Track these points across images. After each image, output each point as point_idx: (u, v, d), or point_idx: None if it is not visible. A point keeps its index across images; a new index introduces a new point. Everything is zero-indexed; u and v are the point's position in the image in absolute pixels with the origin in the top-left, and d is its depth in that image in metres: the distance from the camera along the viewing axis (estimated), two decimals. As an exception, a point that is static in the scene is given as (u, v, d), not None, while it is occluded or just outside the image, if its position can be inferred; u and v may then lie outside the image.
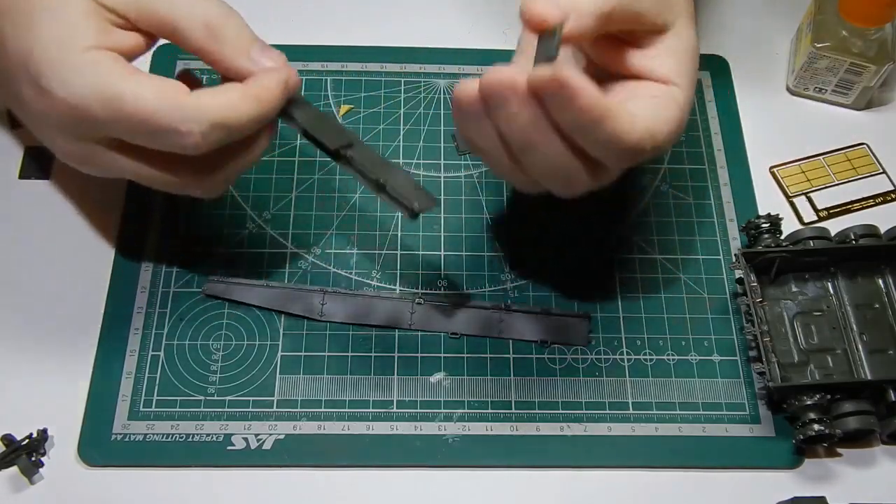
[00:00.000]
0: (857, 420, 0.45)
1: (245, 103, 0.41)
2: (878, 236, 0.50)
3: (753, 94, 0.59)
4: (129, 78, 0.39)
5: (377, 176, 0.43)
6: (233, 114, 0.40)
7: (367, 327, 0.50)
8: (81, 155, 0.43)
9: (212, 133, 0.40)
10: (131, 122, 0.39)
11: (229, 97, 0.40)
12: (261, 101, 0.41)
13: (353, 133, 0.45)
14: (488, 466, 0.46)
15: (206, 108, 0.40)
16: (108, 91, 0.39)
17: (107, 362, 0.48)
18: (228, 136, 0.41)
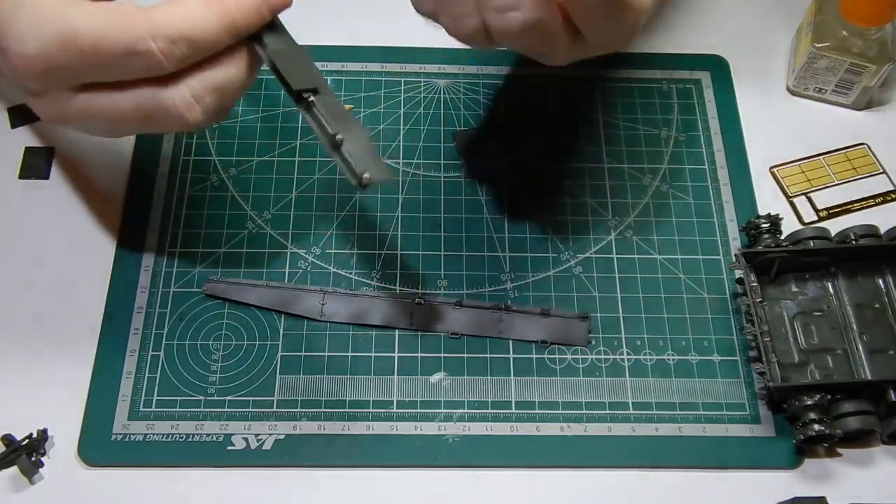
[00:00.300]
0: (857, 420, 0.45)
1: (206, 12, 0.38)
2: (878, 236, 0.50)
3: (753, 94, 0.59)
4: (81, 11, 0.38)
5: (336, 131, 0.40)
6: (193, 25, 0.38)
7: (367, 327, 0.50)
8: (59, 112, 0.41)
9: (172, 48, 0.38)
10: (90, 56, 0.38)
11: (189, 6, 0.38)
12: (227, 8, 0.38)
13: (322, 79, 0.41)
14: (488, 466, 0.46)
15: (161, 22, 0.37)
16: (62, 29, 0.37)
17: (107, 362, 0.48)
18: (193, 49, 0.38)
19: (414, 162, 0.55)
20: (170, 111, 0.40)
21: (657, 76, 0.59)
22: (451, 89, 0.58)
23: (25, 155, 0.54)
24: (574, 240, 0.53)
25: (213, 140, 0.55)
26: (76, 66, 0.38)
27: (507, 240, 0.53)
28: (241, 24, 0.39)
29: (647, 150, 0.56)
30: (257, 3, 0.39)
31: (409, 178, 0.54)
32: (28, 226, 0.52)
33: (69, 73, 0.39)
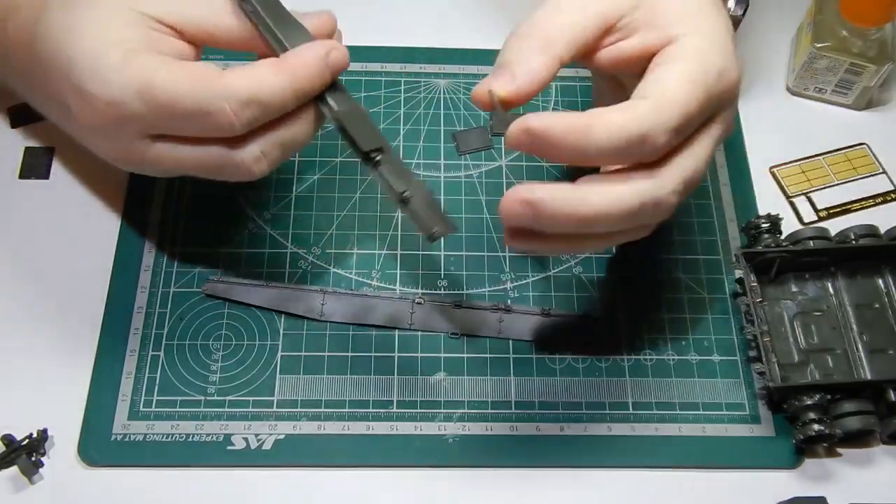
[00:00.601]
0: (857, 420, 0.45)
1: (277, 77, 0.40)
2: (878, 236, 0.50)
3: (753, 94, 0.59)
4: (161, 66, 0.40)
5: (403, 189, 0.42)
6: (264, 88, 0.40)
7: (367, 327, 0.50)
8: (128, 155, 0.43)
9: (244, 111, 0.40)
10: (165, 110, 0.40)
11: (259, 72, 0.40)
12: (294, 73, 0.40)
13: (384, 138, 0.43)
14: (488, 466, 0.46)
15: (235, 85, 0.39)
16: (142, 81, 0.40)
17: (107, 362, 0.48)
18: (263, 112, 0.40)
19: (414, 162, 0.55)
20: (239, 167, 0.42)
21: (657, 76, 0.59)
22: (451, 89, 0.58)
23: (25, 155, 0.54)
24: (574, 240, 0.53)
25: (213, 140, 0.55)
26: (152, 117, 0.40)
27: (507, 240, 0.52)
28: (308, 87, 0.41)
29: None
30: (320, 67, 0.41)
31: (409, 178, 0.54)
32: (28, 226, 0.52)
33: (145, 122, 0.41)
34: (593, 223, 0.38)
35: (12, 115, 0.55)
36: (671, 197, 0.39)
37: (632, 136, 0.37)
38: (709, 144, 0.41)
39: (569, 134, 0.37)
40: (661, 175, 0.39)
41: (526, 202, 0.37)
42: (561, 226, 0.38)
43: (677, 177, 0.39)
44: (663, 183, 0.39)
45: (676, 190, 0.39)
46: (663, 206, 0.39)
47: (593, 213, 0.38)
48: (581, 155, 0.38)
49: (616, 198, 0.38)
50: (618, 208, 0.38)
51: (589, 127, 0.37)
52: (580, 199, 0.38)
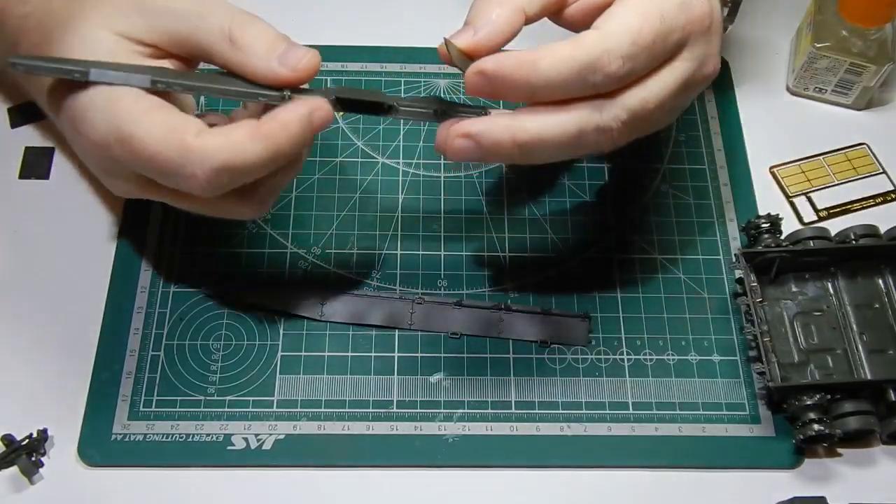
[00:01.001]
0: (857, 420, 0.45)
1: (252, 144, 0.38)
2: (878, 236, 0.50)
3: (753, 94, 0.59)
4: (142, 118, 0.39)
5: (432, 108, 0.42)
6: (238, 157, 0.38)
7: (367, 327, 0.50)
8: (120, 187, 0.44)
9: (217, 177, 0.38)
10: (141, 163, 0.39)
11: (234, 138, 0.38)
12: (272, 140, 0.39)
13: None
14: (488, 466, 0.46)
15: (208, 152, 0.38)
16: (121, 131, 0.39)
17: (107, 362, 0.48)
18: (239, 178, 0.39)
19: (414, 162, 0.55)
20: (230, 215, 0.43)
21: (657, 76, 0.59)
22: (452, 89, 0.58)
23: (25, 155, 0.54)
24: (574, 240, 0.53)
25: (213, 140, 0.55)
26: (133, 165, 0.40)
27: (507, 240, 0.53)
28: (288, 151, 0.39)
29: (648, 151, 0.56)
30: (303, 130, 0.39)
31: (409, 178, 0.54)
32: (28, 226, 0.52)
33: (126, 166, 0.40)
34: (531, 148, 0.39)
35: (12, 115, 0.55)
36: (612, 122, 0.39)
37: (580, 64, 0.38)
38: (669, 80, 0.41)
39: (519, 67, 0.38)
40: (607, 100, 0.39)
41: (466, 135, 0.40)
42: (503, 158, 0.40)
43: (624, 104, 0.39)
44: (606, 108, 0.39)
45: (620, 117, 0.39)
46: (606, 134, 0.40)
47: (530, 138, 0.39)
48: (532, 88, 0.39)
49: (553, 124, 0.39)
50: (553, 134, 0.39)
51: (538, 59, 0.38)
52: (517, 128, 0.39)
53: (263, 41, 0.40)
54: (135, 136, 0.38)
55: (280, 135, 0.39)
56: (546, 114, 0.40)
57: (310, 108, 0.40)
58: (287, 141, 0.39)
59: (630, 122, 0.40)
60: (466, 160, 0.41)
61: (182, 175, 0.39)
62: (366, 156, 0.55)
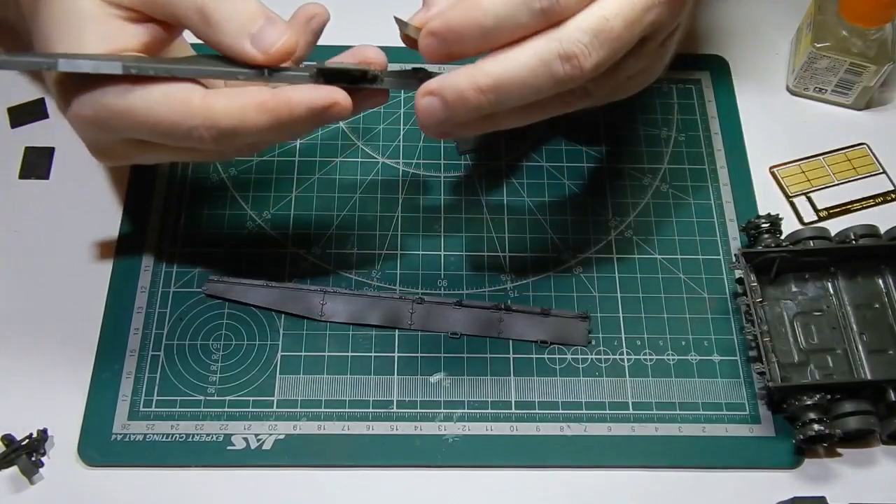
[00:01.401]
0: (857, 420, 0.45)
1: (258, 116, 0.38)
2: (878, 236, 0.50)
3: (753, 94, 0.59)
4: (137, 89, 0.38)
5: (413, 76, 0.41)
6: (246, 124, 0.38)
7: (367, 327, 0.50)
8: (107, 151, 0.42)
9: (222, 139, 0.38)
10: (145, 129, 0.39)
11: (243, 104, 0.38)
12: (277, 118, 0.38)
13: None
14: (488, 466, 0.46)
15: (216, 115, 0.38)
16: (119, 107, 0.39)
17: (107, 362, 0.48)
18: (241, 142, 0.39)
19: (414, 162, 0.55)
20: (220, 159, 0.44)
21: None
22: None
23: (25, 155, 0.54)
24: (574, 240, 0.53)
25: (213, 140, 0.55)
26: (131, 132, 0.40)
27: (507, 240, 0.53)
28: (290, 132, 0.40)
29: (647, 150, 0.56)
30: (311, 119, 0.39)
31: (409, 178, 0.54)
32: (28, 226, 0.52)
33: (121, 133, 0.40)
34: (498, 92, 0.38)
35: (12, 115, 0.55)
36: (574, 46, 0.37)
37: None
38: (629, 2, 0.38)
39: (465, 13, 0.37)
40: (563, 26, 0.38)
41: (429, 92, 0.39)
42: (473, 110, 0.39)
43: (581, 25, 0.38)
44: (564, 32, 0.37)
45: (580, 39, 0.37)
46: (571, 61, 0.38)
47: (493, 81, 0.38)
48: (484, 31, 0.37)
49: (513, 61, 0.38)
50: (516, 72, 0.38)
51: (478, 0, 0.37)
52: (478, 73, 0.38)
53: (237, 18, 0.39)
54: (136, 107, 0.38)
55: (284, 115, 0.38)
56: (505, 53, 0.38)
57: (326, 101, 0.39)
58: (289, 124, 0.39)
59: (594, 44, 0.38)
60: (439, 123, 0.39)
61: (188, 136, 0.38)
62: (366, 156, 0.55)
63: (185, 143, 0.39)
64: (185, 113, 0.38)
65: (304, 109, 0.38)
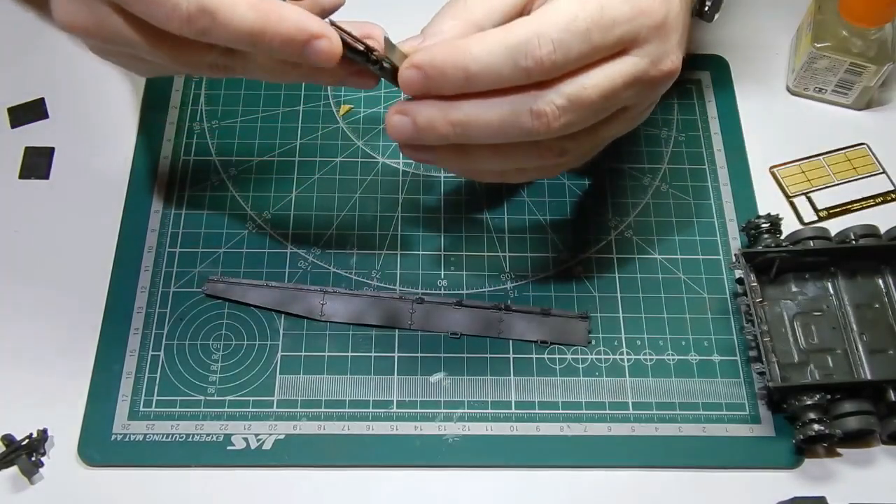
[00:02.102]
0: (857, 420, 0.45)
1: (246, 10, 0.36)
2: (878, 236, 0.50)
3: (753, 94, 0.59)
4: None
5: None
6: (226, 9, 0.36)
7: (367, 327, 0.50)
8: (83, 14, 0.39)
9: (198, 17, 0.36)
10: None
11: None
12: (261, 21, 0.36)
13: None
14: (488, 466, 0.46)
15: None
16: None
17: (107, 362, 0.48)
18: (214, 33, 0.36)
19: (414, 162, 0.55)
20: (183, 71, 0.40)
21: (657, 76, 0.59)
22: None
23: (25, 155, 0.54)
24: (574, 240, 0.53)
25: (212, 140, 0.55)
26: None
27: (507, 240, 0.53)
28: (271, 45, 0.37)
29: (647, 150, 0.56)
30: (293, 44, 0.37)
31: (409, 178, 0.54)
32: (28, 226, 0.52)
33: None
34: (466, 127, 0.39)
35: (12, 115, 0.56)
36: (546, 106, 0.38)
37: (510, 47, 0.37)
38: (615, 73, 0.40)
39: (452, 54, 0.38)
40: (545, 86, 0.39)
41: (402, 111, 0.40)
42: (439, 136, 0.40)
43: (562, 90, 0.39)
44: (542, 92, 0.38)
45: (554, 101, 0.39)
46: (541, 119, 0.39)
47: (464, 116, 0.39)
48: (467, 74, 0.38)
49: (487, 104, 0.39)
50: (486, 113, 0.39)
51: (469, 44, 0.38)
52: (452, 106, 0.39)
53: None
54: None
55: (274, 27, 0.37)
56: (482, 96, 0.39)
57: (316, 30, 0.37)
58: (277, 42, 0.37)
59: (567, 107, 0.39)
60: (405, 139, 0.40)
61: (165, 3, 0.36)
62: (366, 156, 0.55)
63: (157, 10, 0.36)
64: None
65: (292, 26, 0.37)
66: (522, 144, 0.41)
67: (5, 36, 0.58)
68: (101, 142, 0.54)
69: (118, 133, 0.55)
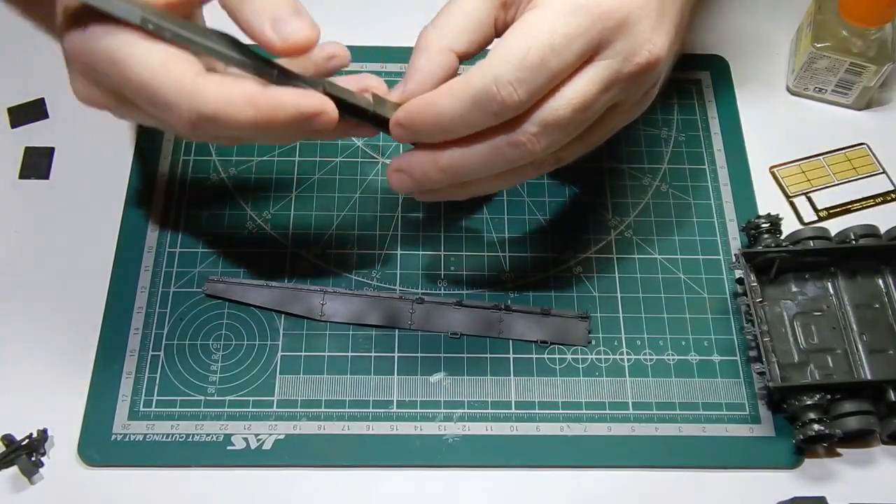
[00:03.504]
0: (857, 420, 0.45)
1: (244, 110, 0.37)
2: (878, 236, 0.50)
3: (753, 94, 0.59)
4: (141, 43, 0.37)
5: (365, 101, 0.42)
6: (226, 113, 0.37)
7: (367, 327, 0.50)
8: (85, 90, 0.41)
9: (200, 124, 0.38)
10: (130, 87, 0.38)
11: (231, 93, 0.37)
12: (262, 116, 0.38)
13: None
14: (488, 466, 0.46)
15: (203, 97, 0.37)
16: (117, 53, 0.37)
17: (107, 362, 0.48)
18: (220, 132, 0.39)
19: (414, 162, 0.55)
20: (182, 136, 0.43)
21: (657, 76, 0.59)
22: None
23: (25, 155, 0.54)
24: (574, 240, 0.53)
25: (213, 140, 0.55)
26: (115, 84, 0.39)
27: (507, 240, 0.53)
28: (277, 135, 0.40)
29: (647, 150, 0.56)
30: (293, 120, 0.38)
31: (409, 178, 0.54)
32: (28, 226, 0.52)
33: (109, 83, 0.39)
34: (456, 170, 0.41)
35: (12, 115, 0.56)
36: (521, 136, 0.39)
37: (472, 98, 0.38)
38: (583, 84, 0.39)
39: (423, 111, 0.39)
40: (519, 120, 0.39)
41: (398, 169, 0.42)
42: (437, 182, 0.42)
43: (535, 119, 0.39)
44: (518, 125, 0.39)
45: (528, 130, 0.39)
46: (520, 148, 0.40)
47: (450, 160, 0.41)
48: (442, 127, 0.39)
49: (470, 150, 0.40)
50: (469, 154, 0.40)
51: (436, 100, 0.39)
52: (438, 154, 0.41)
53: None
54: (132, 60, 0.37)
55: (269, 114, 0.38)
56: (464, 141, 0.40)
57: (314, 108, 0.38)
58: (273, 123, 0.38)
59: (543, 132, 0.39)
60: (408, 192, 0.43)
61: (169, 109, 0.38)
62: (366, 156, 0.55)
63: (163, 116, 0.39)
64: (174, 90, 0.37)
65: (291, 111, 0.38)
66: (515, 168, 0.42)
67: (5, 36, 0.58)
68: (101, 142, 0.54)
69: (118, 133, 0.55)
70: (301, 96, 0.38)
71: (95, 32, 0.38)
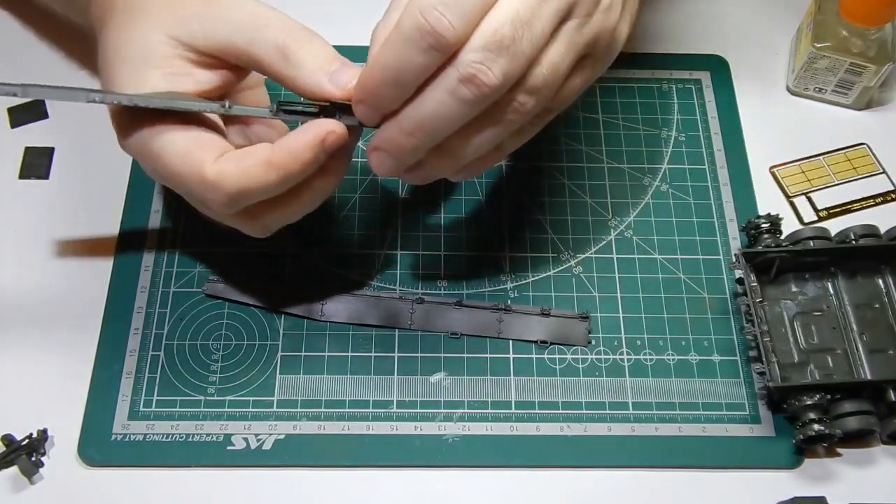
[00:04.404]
0: (857, 420, 0.45)
1: (266, 173, 0.39)
2: (878, 236, 0.50)
3: (753, 94, 0.59)
4: (163, 137, 0.40)
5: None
6: (249, 186, 0.40)
7: (367, 327, 0.50)
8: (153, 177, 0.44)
9: (231, 203, 0.40)
10: (166, 179, 0.41)
11: (248, 167, 0.39)
12: (283, 169, 0.39)
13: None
14: (488, 466, 0.46)
15: (222, 181, 0.39)
16: (146, 147, 0.41)
17: (107, 362, 0.48)
18: (251, 201, 0.41)
19: (414, 162, 0.55)
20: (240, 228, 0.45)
21: (657, 76, 0.59)
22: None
23: (25, 155, 0.54)
24: (574, 240, 0.53)
25: (213, 140, 0.55)
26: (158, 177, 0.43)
27: (507, 240, 0.53)
28: (300, 174, 0.40)
29: (647, 150, 0.56)
30: (315, 155, 0.40)
31: (409, 178, 0.54)
32: (28, 226, 0.52)
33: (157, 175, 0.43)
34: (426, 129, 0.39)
35: (12, 115, 0.56)
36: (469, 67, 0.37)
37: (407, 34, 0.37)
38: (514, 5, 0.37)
39: (370, 73, 0.39)
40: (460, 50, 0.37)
41: (374, 148, 0.41)
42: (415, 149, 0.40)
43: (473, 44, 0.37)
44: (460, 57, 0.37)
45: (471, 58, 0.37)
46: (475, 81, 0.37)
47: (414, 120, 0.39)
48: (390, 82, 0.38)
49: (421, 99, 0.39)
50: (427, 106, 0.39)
51: (377, 55, 0.39)
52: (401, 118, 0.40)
53: (317, 58, 0.41)
54: (161, 154, 0.40)
55: (288, 163, 0.40)
56: (419, 95, 0.39)
57: (318, 133, 0.40)
58: (300, 168, 0.40)
59: (489, 58, 0.37)
60: (389, 170, 0.42)
61: (199, 198, 0.41)
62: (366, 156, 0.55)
63: (199, 204, 0.42)
64: (198, 183, 0.40)
65: (308, 152, 0.40)
66: (488, 114, 0.39)
67: (5, 36, 0.58)
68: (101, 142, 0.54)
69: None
70: (302, 132, 0.40)
71: (127, 127, 0.41)
